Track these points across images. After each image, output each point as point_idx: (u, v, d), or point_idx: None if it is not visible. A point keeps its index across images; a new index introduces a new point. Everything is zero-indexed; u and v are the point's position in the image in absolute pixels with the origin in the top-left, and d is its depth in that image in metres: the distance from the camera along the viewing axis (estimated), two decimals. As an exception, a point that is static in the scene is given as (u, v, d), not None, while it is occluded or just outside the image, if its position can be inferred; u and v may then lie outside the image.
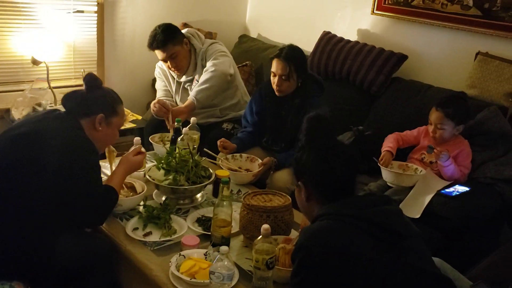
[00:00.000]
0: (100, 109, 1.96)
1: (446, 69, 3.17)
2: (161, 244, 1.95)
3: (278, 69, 2.64)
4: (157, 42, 2.94)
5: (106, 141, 2.08)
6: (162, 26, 2.99)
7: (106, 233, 2.03)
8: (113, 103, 2.03)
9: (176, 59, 3.03)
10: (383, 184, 2.61)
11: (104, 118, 1.97)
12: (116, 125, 2.04)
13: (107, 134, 2.01)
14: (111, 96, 2.05)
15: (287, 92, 2.70)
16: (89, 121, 1.94)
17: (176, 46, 2.99)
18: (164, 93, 3.26)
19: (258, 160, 2.68)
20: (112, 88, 3.71)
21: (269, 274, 1.67)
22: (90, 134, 1.92)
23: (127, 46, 3.82)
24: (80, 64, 3.57)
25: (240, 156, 2.74)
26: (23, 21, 3.28)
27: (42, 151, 1.75)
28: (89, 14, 3.58)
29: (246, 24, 4.48)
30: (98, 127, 1.95)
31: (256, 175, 2.61)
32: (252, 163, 2.70)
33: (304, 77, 2.69)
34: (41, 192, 1.74)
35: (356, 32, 3.62)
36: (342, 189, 1.54)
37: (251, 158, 2.73)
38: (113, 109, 2.01)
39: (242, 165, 2.70)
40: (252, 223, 1.93)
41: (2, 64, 3.24)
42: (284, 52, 2.64)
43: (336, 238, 1.40)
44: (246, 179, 2.59)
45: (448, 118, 2.55)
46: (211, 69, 2.99)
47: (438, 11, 3.15)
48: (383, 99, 3.23)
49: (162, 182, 2.23)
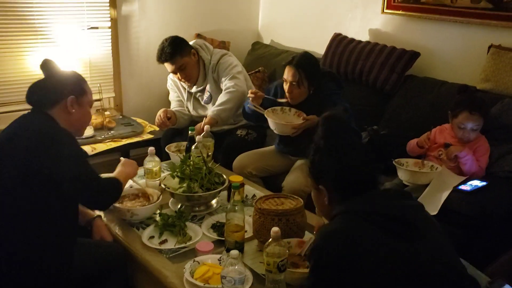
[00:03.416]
0: (68, 91, 1.90)
1: (459, 64, 3.14)
2: (176, 251, 1.98)
3: (289, 76, 2.68)
4: (165, 55, 3.02)
5: (83, 123, 2.02)
6: (169, 39, 3.07)
7: (123, 242, 2.07)
8: (80, 83, 1.97)
9: (185, 70, 3.09)
10: (399, 183, 2.60)
11: (75, 100, 1.91)
12: (87, 104, 1.99)
13: (82, 115, 1.97)
14: (75, 76, 1.99)
15: (299, 99, 2.74)
16: (59, 108, 1.89)
17: (184, 58, 3.06)
18: (178, 103, 3.34)
19: (303, 115, 2.69)
20: (129, 101, 3.88)
21: (281, 277, 1.68)
22: (65, 120, 1.89)
23: (142, 59, 3.90)
24: (97, 79, 3.65)
25: (289, 109, 2.77)
26: (39, 40, 3.37)
27: (21, 153, 1.74)
28: (103, 30, 3.66)
29: (258, 31, 4.51)
30: (71, 110, 1.90)
31: (297, 128, 2.62)
32: (299, 117, 2.71)
33: (316, 84, 2.70)
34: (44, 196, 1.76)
35: (367, 32, 3.62)
36: (364, 188, 1.49)
37: (299, 113, 2.74)
38: (81, 88, 1.96)
39: (288, 119, 2.73)
40: (264, 227, 1.94)
41: (19, 83, 3.32)
42: (295, 59, 2.69)
43: (351, 237, 1.37)
44: (286, 130, 2.64)
45: (482, 118, 2.54)
46: (232, 89, 3.05)
47: (448, 6, 3.12)
48: (397, 97, 3.21)
49: (176, 190, 2.26)
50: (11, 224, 1.74)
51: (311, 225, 2.07)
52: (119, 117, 3.67)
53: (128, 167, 2.18)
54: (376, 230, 1.37)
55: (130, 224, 2.18)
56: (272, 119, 2.67)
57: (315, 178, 1.58)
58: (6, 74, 3.31)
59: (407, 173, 2.54)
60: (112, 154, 3.53)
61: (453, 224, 2.29)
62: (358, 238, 1.37)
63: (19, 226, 1.74)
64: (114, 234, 2.14)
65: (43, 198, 1.76)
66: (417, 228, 1.39)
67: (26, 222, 1.75)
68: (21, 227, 1.75)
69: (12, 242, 1.74)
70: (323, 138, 1.57)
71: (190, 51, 3.11)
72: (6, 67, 3.30)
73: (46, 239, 1.78)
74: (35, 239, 1.76)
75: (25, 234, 1.75)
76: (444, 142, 2.62)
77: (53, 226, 1.79)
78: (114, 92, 3.83)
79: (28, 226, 1.75)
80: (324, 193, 1.54)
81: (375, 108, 3.28)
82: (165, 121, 3.11)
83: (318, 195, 1.60)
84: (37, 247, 1.76)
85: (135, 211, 2.16)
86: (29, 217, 1.75)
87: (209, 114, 3.00)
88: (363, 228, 1.38)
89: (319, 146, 1.57)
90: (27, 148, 1.75)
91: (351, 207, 1.45)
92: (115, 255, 1.99)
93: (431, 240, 1.40)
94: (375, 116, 3.23)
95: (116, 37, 3.73)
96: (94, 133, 3.27)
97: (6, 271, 1.72)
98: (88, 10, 3.54)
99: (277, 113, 2.76)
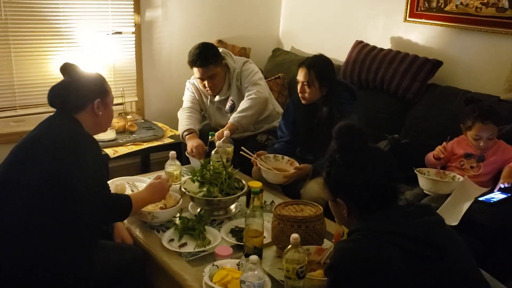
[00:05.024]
0: (94, 95, 1.93)
1: (483, 73, 3.11)
2: (195, 255, 1.99)
3: (300, 76, 2.73)
4: (201, 61, 2.98)
5: (108, 121, 2.05)
6: (206, 45, 3.05)
7: (143, 244, 2.10)
8: (102, 84, 2.00)
9: (214, 80, 3.08)
10: (420, 193, 2.58)
11: (101, 102, 1.95)
12: (111, 102, 2.02)
13: (108, 114, 2.01)
14: (98, 78, 2.02)
15: (311, 100, 2.75)
16: (86, 112, 1.92)
17: (217, 68, 3.06)
18: (191, 104, 3.28)
19: (296, 164, 2.70)
20: (151, 105, 3.92)
21: (300, 284, 1.68)
22: (91, 123, 1.93)
23: (164, 64, 3.94)
24: (120, 84, 3.70)
25: (282, 157, 2.78)
26: (64, 43, 3.43)
27: (46, 156, 1.76)
28: (127, 35, 3.71)
29: (279, 38, 4.53)
30: (99, 113, 1.94)
31: (289, 177, 2.62)
32: (291, 166, 2.72)
33: (329, 85, 2.71)
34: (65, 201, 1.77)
35: (389, 40, 3.60)
36: (383, 200, 1.44)
37: (291, 161, 2.75)
38: (104, 89, 1.98)
39: (281, 167, 2.73)
40: (283, 233, 1.94)
41: (44, 86, 3.37)
42: (308, 60, 2.74)
43: (370, 258, 1.32)
44: (277, 179, 2.61)
45: (496, 125, 2.52)
46: (254, 96, 3.04)
47: (473, 15, 3.10)
48: (418, 106, 3.19)
49: (196, 194, 2.28)
50: (33, 225, 1.76)
51: (330, 233, 2.07)
52: (140, 121, 3.71)
53: (154, 194, 2.14)
54: (397, 250, 1.32)
55: (151, 226, 2.20)
56: (263, 167, 2.64)
57: (332, 191, 1.53)
58: (32, 77, 3.38)
59: (429, 182, 2.52)
60: (133, 157, 3.58)
61: (474, 236, 2.26)
62: (376, 258, 1.32)
63: (41, 227, 1.76)
64: (135, 236, 2.17)
65: (64, 200, 1.77)
66: (439, 247, 1.34)
67: (48, 223, 1.77)
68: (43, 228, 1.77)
69: (33, 242, 1.76)
70: (338, 152, 1.51)
71: (221, 61, 3.10)
72: (32, 70, 3.37)
73: (67, 240, 1.80)
74: (56, 240, 1.78)
75: (47, 235, 1.77)
76: (465, 152, 2.60)
77: (74, 227, 1.81)
78: (137, 97, 3.88)
79: (50, 227, 1.77)
80: (343, 205, 1.49)
81: (396, 117, 3.26)
82: (201, 153, 2.92)
83: (336, 207, 1.55)
84: (58, 248, 1.78)
85: (156, 214, 2.18)
86: (50, 219, 1.77)
87: (230, 121, 3.00)
88: (382, 248, 1.33)
89: (335, 160, 1.50)
90: (52, 152, 1.77)
91: (371, 226, 1.39)
92: (135, 258, 2.01)
93: (453, 258, 1.36)
94: (396, 125, 3.21)
95: (140, 42, 3.78)
96: (116, 136, 3.31)
97: (27, 272, 1.74)
98: (113, 15, 3.60)
99: (270, 160, 2.75)
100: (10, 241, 1.75)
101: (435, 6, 3.28)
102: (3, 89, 3.30)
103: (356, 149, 1.50)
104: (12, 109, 3.36)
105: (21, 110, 3.38)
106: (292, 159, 2.76)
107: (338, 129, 1.57)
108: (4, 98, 3.32)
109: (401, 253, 1.31)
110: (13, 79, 3.31)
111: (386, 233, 1.35)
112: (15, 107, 3.36)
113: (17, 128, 3.39)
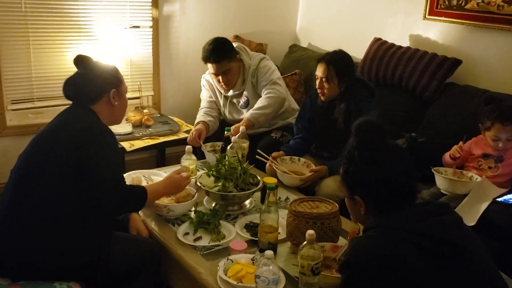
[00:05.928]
0: (109, 86, 1.96)
1: (503, 73, 3.06)
2: (210, 249, 2.00)
3: (319, 71, 2.70)
4: (215, 57, 2.98)
5: (123, 111, 2.09)
6: (220, 40, 3.04)
7: (158, 237, 2.11)
8: (116, 74, 2.03)
9: (228, 75, 3.08)
10: (436, 192, 2.55)
11: (116, 92, 1.98)
12: (125, 91, 2.06)
13: (123, 104, 2.05)
14: (112, 68, 2.04)
15: (330, 96, 2.73)
16: (102, 103, 1.95)
17: (231, 63, 3.05)
18: (208, 104, 3.30)
19: (312, 166, 2.69)
20: (167, 100, 3.93)
21: (315, 280, 1.67)
22: (107, 113, 1.96)
23: (181, 59, 3.95)
24: (137, 78, 3.72)
25: (298, 159, 2.77)
26: (82, 36, 3.46)
27: (66, 146, 1.79)
28: (144, 29, 3.73)
29: (296, 34, 4.51)
30: (114, 103, 1.97)
31: (305, 180, 2.62)
32: (307, 168, 2.71)
33: (348, 82, 2.68)
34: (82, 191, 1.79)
35: (408, 38, 3.56)
36: (402, 198, 1.42)
37: (307, 163, 2.74)
38: (118, 79, 2.02)
39: (297, 169, 2.72)
40: (298, 230, 1.93)
41: (61, 78, 3.30)
42: (327, 55, 2.71)
43: (386, 255, 1.31)
44: (293, 182, 2.61)
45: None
46: (274, 95, 3.05)
47: (494, 13, 3.05)
48: (436, 104, 3.16)
49: (212, 188, 2.28)
50: (52, 213, 1.78)
51: (345, 230, 2.05)
52: (157, 115, 3.72)
53: (170, 188, 2.16)
54: (413, 248, 1.30)
55: (166, 220, 2.21)
56: (279, 170, 2.63)
57: (350, 188, 1.51)
58: (50, 69, 3.40)
59: (446, 182, 2.50)
60: (149, 151, 3.60)
61: (491, 236, 2.23)
62: (391, 255, 1.30)
63: (59, 216, 1.79)
64: (150, 229, 2.18)
65: (81, 191, 1.80)
66: (457, 246, 1.33)
67: (65, 211, 1.79)
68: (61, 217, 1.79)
69: (52, 229, 1.78)
70: (356, 149, 1.48)
71: (236, 56, 3.09)
72: (50, 62, 3.40)
73: (83, 231, 1.82)
74: (73, 229, 1.80)
75: (64, 222, 1.79)
76: (483, 152, 2.57)
77: (90, 218, 1.83)
78: (153, 91, 3.89)
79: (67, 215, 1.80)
80: (360, 203, 1.48)
81: (414, 115, 3.23)
82: (196, 139, 3.00)
83: (353, 204, 1.53)
84: (75, 238, 1.80)
85: (172, 207, 2.19)
86: (68, 207, 1.79)
87: (247, 116, 3.00)
88: (398, 245, 1.31)
89: (353, 157, 1.48)
90: (72, 141, 1.80)
91: (389, 223, 1.38)
92: (151, 250, 2.02)
93: (470, 257, 1.35)
94: (414, 123, 3.18)
95: (157, 36, 3.79)
96: (132, 130, 3.33)
97: (44, 261, 1.77)
98: (131, 9, 3.62)
99: (286, 162, 2.75)
100: (30, 228, 1.77)
101: (456, 4, 3.23)
102: (21, 81, 3.34)
103: (375, 146, 1.48)
104: (30, 101, 3.40)
105: (39, 102, 3.42)
106: (308, 161, 2.76)
107: (358, 125, 1.54)
108: (22, 90, 3.36)
109: (417, 251, 1.30)
110: (31, 71, 3.35)
111: (403, 231, 1.33)
112: (32, 99, 3.40)
113: (35, 120, 3.43)
